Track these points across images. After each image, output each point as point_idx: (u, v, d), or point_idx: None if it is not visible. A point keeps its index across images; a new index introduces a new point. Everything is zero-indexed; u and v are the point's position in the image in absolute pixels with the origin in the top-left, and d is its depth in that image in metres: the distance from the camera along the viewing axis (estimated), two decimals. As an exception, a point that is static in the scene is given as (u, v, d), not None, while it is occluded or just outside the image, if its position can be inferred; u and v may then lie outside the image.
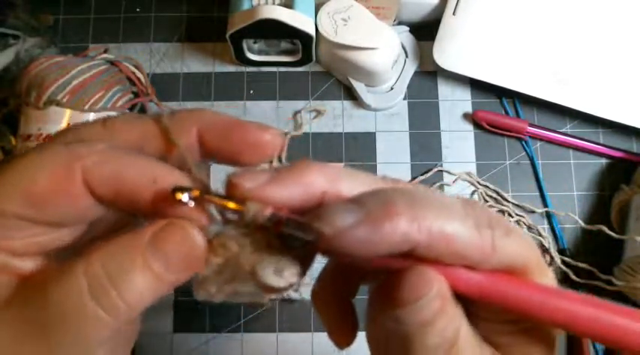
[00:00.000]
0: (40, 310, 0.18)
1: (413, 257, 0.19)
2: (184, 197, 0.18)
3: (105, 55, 0.55)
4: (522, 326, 0.21)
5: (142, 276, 0.18)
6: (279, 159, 0.57)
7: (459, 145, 0.58)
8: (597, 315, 0.19)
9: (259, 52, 0.59)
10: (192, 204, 0.18)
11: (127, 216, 0.22)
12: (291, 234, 0.18)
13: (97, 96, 0.51)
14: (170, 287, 0.19)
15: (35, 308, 0.18)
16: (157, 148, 0.21)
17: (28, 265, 0.20)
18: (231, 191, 0.19)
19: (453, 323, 0.20)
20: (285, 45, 0.58)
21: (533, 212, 0.56)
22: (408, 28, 0.60)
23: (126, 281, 0.18)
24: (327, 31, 0.54)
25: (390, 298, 0.19)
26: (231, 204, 0.19)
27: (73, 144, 0.19)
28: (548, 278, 0.21)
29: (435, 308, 0.19)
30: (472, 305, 0.21)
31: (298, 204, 0.19)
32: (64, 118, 0.50)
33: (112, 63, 0.54)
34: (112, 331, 0.19)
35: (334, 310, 0.24)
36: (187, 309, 0.54)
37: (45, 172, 0.19)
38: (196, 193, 0.19)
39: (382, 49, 0.55)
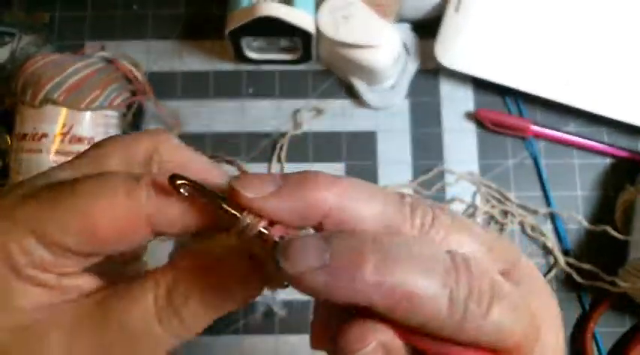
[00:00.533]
0: (108, 335, 0.19)
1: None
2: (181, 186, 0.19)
3: (102, 53, 0.54)
4: None
5: (200, 306, 0.19)
6: (279, 159, 0.57)
7: (461, 144, 0.57)
8: None
9: (259, 50, 0.58)
10: (185, 193, 0.19)
11: None
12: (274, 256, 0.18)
13: (93, 95, 0.50)
14: (223, 314, 0.20)
15: (103, 334, 0.19)
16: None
17: (83, 282, 0.21)
18: (231, 197, 0.19)
19: None
20: (284, 43, 0.57)
21: (536, 212, 0.55)
22: (409, 26, 0.59)
23: (186, 310, 0.19)
24: (328, 29, 0.54)
25: (335, 343, 0.18)
26: (230, 208, 0.19)
27: (133, 184, 0.19)
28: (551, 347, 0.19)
29: None
30: None
31: (297, 222, 0.19)
32: (60, 117, 0.49)
33: (108, 61, 0.53)
34: (173, 349, 0.20)
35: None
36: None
37: (109, 213, 0.19)
38: (193, 185, 0.19)
39: (383, 47, 0.54)
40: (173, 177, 0.19)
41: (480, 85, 0.58)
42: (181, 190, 0.19)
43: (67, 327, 0.19)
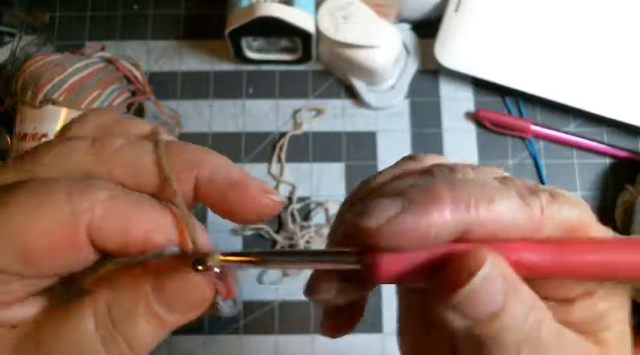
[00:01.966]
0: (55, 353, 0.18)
1: (462, 243, 0.17)
2: (211, 265, 0.17)
3: (102, 53, 0.54)
4: (593, 294, 0.19)
5: (145, 322, 0.18)
6: (279, 159, 0.57)
7: (461, 145, 0.57)
8: None
9: (259, 50, 0.58)
10: (218, 271, 0.17)
11: None
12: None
13: (93, 95, 0.50)
14: (176, 326, 0.19)
15: (49, 353, 0.18)
16: (151, 184, 0.19)
17: (19, 313, 0.18)
18: (357, 232, 0.17)
19: (533, 311, 0.17)
20: (284, 43, 0.57)
21: (536, 212, 0.55)
22: (409, 26, 0.59)
23: (130, 327, 0.18)
24: (327, 29, 0.54)
25: (443, 289, 0.17)
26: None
27: (71, 191, 0.17)
28: (604, 232, 0.19)
29: (498, 288, 0.17)
30: (534, 288, 0.19)
31: (423, 243, 0.17)
32: (60, 117, 0.49)
33: (109, 61, 0.53)
34: None
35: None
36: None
37: (44, 230, 0.17)
38: (219, 259, 0.17)
39: (383, 47, 0.54)
40: (195, 264, 0.17)
41: (480, 85, 0.58)
42: (214, 270, 0.17)
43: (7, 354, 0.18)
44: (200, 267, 0.17)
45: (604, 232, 0.19)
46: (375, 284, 0.19)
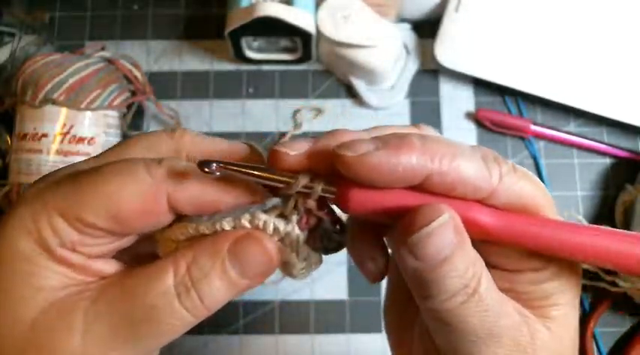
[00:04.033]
0: (131, 306, 0.21)
1: (426, 195, 0.20)
2: (211, 168, 0.20)
3: (102, 53, 0.54)
4: (540, 271, 0.22)
5: (219, 281, 0.21)
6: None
7: (461, 144, 0.57)
8: (621, 246, 0.20)
9: (259, 50, 0.58)
10: (217, 173, 0.20)
11: None
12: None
13: (93, 95, 0.50)
14: (243, 291, 0.22)
15: (126, 305, 0.21)
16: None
17: (104, 267, 0.22)
18: (336, 157, 0.20)
19: (474, 267, 0.20)
20: (284, 43, 0.57)
21: (536, 212, 0.55)
22: (409, 26, 0.59)
23: (205, 284, 0.21)
24: (327, 29, 0.54)
25: (404, 231, 0.20)
26: (280, 177, 0.21)
27: (152, 164, 0.21)
28: (555, 216, 0.22)
29: (449, 240, 0.19)
30: (486, 255, 0.22)
31: (392, 182, 0.20)
32: (60, 117, 0.49)
33: (108, 61, 0.53)
34: (190, 327, 0.21)
35: (366, 248, 0.25)
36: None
37: (132, 195, 0.20)
38: (224, 166, 0.20)
39: (383, 47, 0.54)
40: (202, 164, 0.20)
41: (480, 85, 0.58)
42: (212, 171, 0.20)
43: (91, 302, 0.21)
44: (206, 169, 0.20)
45: (555, 216, 0.21)
46: (348, 212, 0.21)
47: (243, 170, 0.21)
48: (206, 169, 0.20)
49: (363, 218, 0.23)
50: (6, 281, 0.21)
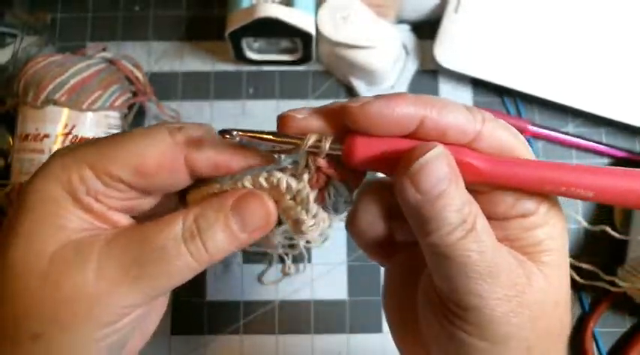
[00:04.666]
0: (141, 247, 0.23)
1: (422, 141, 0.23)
2: (233, 136, 0.23)
3: (103, 54, 0.54)
4: (528, 217, 0.24)
5: (222, 232, 0.24)
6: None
7: (460, 145, 0.57)
8: (602, 180, 0.22)
9: (259, 51, 0.58)
10: (237, 139, 0.23)
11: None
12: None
13: (95, 96, 0.51)
14: (242, 245, 0.25)
15: (137, 246, 0.23)
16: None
17: (121, 219, 0.25)
18: (345, 110, 0.23)
19: (470, 205, 0.22)
20: (285, 43, 0.57)
21: (535, 212, 0.55)
22: (409, 27, 0.60)
23: (209, 234, 0.24)
24: (327, 30, 0.54)
25: (405, 164, 0.22)
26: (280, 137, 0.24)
27: (174, 129, 0.25)
28: (531, 157, 0.24)
29: (444, 172, 0.22)
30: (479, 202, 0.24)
31: (392, 129, 0.23)
32: (62, 118, 0.49)
33: (110, 61, 0.54)
34: (193, 273, 0.24)
35: (372, 234, 0.28)
36: (186, 310, 0.53)
37: (155, 152, 0.24)
38: (242, 135, 0.23)
39: (382, 48, 0.55)
40: (224, 131, 0.23)
41: (479, 86, 0.59)
42: (233, 137, 0.23)
43: (106, 243, 0.24)
44: (227, 136, 0.23)
45: (532, 157, 0.24)
46: (354, 164, 0.23)
47: (259, 136, 0.23)
48: (227, 135, 0.23)
49: (370, 168, 0.25)
50: (35, 220, 0.23)
